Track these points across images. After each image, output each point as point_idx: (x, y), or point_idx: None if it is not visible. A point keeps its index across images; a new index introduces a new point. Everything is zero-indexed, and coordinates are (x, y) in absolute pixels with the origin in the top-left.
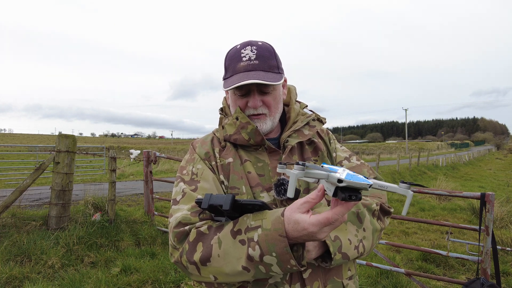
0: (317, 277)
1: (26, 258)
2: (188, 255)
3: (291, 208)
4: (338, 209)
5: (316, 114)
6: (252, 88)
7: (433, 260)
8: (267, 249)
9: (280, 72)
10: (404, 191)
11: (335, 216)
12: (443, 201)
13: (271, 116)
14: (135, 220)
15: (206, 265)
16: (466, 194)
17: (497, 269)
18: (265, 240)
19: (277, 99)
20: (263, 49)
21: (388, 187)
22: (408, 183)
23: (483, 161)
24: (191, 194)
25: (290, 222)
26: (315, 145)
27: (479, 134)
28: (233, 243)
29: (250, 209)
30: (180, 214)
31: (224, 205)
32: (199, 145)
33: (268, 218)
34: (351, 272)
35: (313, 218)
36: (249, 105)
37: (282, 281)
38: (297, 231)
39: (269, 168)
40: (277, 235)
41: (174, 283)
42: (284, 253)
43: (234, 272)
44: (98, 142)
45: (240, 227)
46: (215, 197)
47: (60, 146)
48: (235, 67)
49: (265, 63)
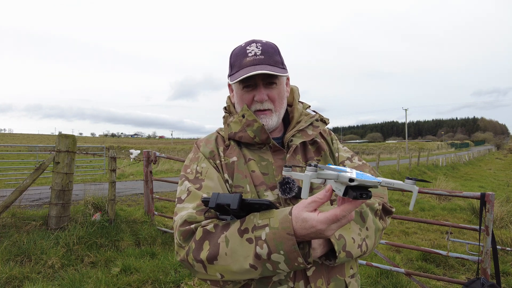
0: (321, 275)
1: (26, 258)
2: (195, 253)
3: (298, 207)
4: (346, 206)
5: (319, 114)
6: (258, 82)
7: (433, 260)
8: (275, 247)
9: (284, 68)
10: (410, 187)
11: (343, 213)
12: (443, 201)
13: (276, 111)
14: (135, 220)
15: (213, 263)
16: (466, 194)
17: (497, 269)
18: (273, 239)
19: (281, 94)
20: (268, 46)
21: (395, 183)
22: (413, 179)
23: (483, 161)
24: (196, 193)
25: (298, 220)
26: (318, 145)
27: (479, 134)
28: (240, 242)
29: (257, 208)
30: (185, 213)
31: (232, 204)
32: (204, 144)
33: (275, 217)
34: (353, 271)
35: (321, 215)
36: (256, 99)
37: (286, 279)
38: (305, 228)
39: (273, 167)
40: (285, 233)
41: (174, 283)
42: (292, 251)
43: (242, 270)
44: (98, 142)
45: (247, 226)
46: (223, 196)
47: (60, 146)
48: (241, 62)
49: (270, 58)
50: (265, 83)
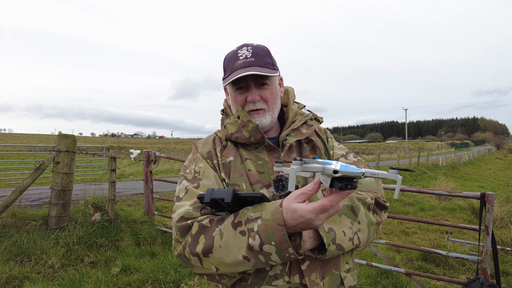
0: (315, 269)
1: (26, 258)
2: (191, 247)
3: (288, 198)
4: (333, 196)
5: (313, 113)
6: (250, 83)
7: (433, 260)
8: (266, 238)
9: (275, 69)
10: (394, 176)
11: (330, 203)
12: (443, 201)
13: (269, 111)
14: (135, 220)
15: (208, 256)
16: (466, 194)
17: (497, 269)
18: (265, 230)
19: (274, 94)
20: (258, 48)
21: (379, 174)
22: (397, 168)
23: (483, 161)
24: (194, 191)
25: (288, 211)
26: (313, 143)
27: (479, 134)
28: (234, 234)
29: (250, 201)
30: (182, 210)
31: (226, 198)
32: (202, 145)
33: (267, 209)
34: (348, 266)
35: (309, 205)
36: (248, 100)
37: (281, 273)
38: (295, 219)
39: (268, 165)
40: (275, 224)
41: (174, 283)
42: (283, 241)
43: (235, 262)
44: (98, 142)
45: (240, 219)
46: (217, 191)
47: (60, 146)
48: (233, 66)
49: (261, 60)
50: (257, 84)
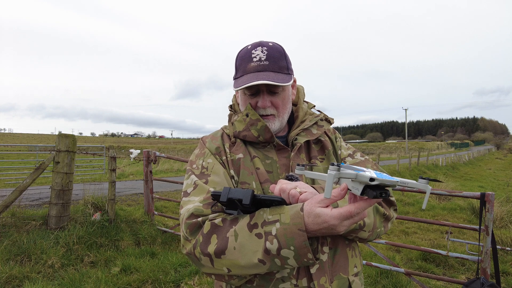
0: (324, 273)
1: (26, 258)
2: (202, 246)
3: (311, 202)
4: (361, 203)
5: (324, 114)
6: (262, 88)
7: (433, 260)
8: (285, 243)
9: (289, 73)
10: (424, 186)
11: (357, 210)
12: (443, 200)
13: (279, 117)
14: (135, 219)
15: (221, 258)
16: (466, 194)
17: (496, 269)
18: (284, 234)
19: (286, 99)
20: (274, 50)
21: (408, 183)
22: (426, 178)
23: (483, 161)
24: (203, 186)
25: (311, 215)
26: (322, 143)
27: (479, 134)
28: (250, 236)
29: (268, 204)
30: (192, 206)
31: (244, 200)
32: (209, 140)
33: (286, 212)
34: (357, 269)
35: (334, 211)
36: (259, 105)
37: (289, 276)
38: (317, 224)
39: (277, 165)
40: (296, 229)
41: (174, 282)
42: (303, 247)
43: (250, 265)
44: (98, 142)
45: (256, 221)
46: (234, 191)
47: (60, 145)
48: (245, 67)
49: (275, 64)
50: (268, 90)
